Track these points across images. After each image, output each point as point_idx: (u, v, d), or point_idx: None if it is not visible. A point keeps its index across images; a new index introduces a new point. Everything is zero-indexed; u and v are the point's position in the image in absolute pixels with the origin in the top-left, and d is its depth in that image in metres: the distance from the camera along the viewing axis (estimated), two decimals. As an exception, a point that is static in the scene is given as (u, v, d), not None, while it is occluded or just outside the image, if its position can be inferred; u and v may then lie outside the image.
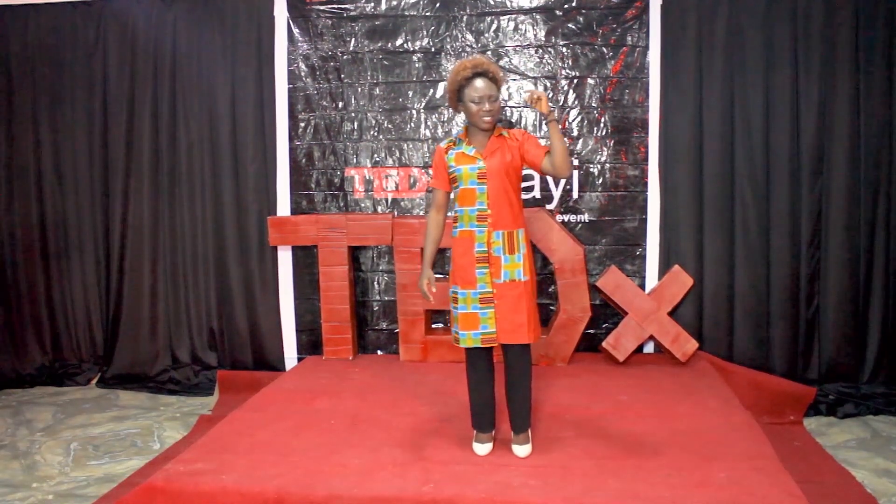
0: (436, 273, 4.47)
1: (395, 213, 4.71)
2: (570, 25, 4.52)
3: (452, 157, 3.01)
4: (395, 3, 4.63)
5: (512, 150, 2.99)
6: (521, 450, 3.02)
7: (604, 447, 3.09)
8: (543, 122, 4.57)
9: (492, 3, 4.57)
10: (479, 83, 2.90)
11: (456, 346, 3.05)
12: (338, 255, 4.55)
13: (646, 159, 4.52)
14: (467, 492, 2.69)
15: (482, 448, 3.06)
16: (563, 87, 4.56)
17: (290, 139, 4.76)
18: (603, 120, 4.55)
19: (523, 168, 3.06)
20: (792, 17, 4.33)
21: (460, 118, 4.65)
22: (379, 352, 4.81)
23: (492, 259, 2.96)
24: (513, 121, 4.60)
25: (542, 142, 3.34)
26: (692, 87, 4.42)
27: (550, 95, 4.56)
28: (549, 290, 4.60)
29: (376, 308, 4.80)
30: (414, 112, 4.68)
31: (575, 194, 4.58)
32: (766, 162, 4.40)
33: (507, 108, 4.58)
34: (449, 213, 3.19)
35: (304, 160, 4.77)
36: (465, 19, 4.59)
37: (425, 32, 4.62)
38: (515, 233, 2.99)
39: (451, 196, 3.12)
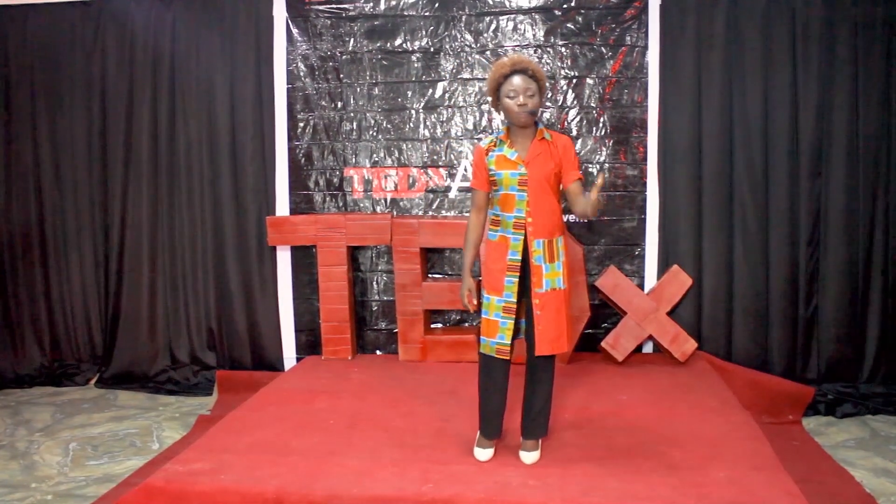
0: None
1: (394, 212, 4.71)
2: (568, 25, 4.52)
3: (493, 160, 2.90)
4: (393, 2, 4.63)
5: (555, 156, 2.87)
6: (529, 456, 2.97)
7: (603, 447, 3.09)
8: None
9: (491, 2, 4.57)
10: (517, 79, 2.81)
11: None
12: (337, 255, 4.54)
13: (644, 159, 4.52)
14: (466, 492, 2.70)
15: (483, 454, 3.00)
16: (561, 87, 4.56)
17: (289, 139, 4.76)
18: (602, 120, 4.55)
19: None
20: (791, 17, 4.33)
21: (459, 118, 4.65)
22: (378, 352, 4.81)
23: (533, 268, 2.87)
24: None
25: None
26: (691, 86, 4.43)
27: (549, 95, 4.56)
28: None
29: (375, 308, 4.79)
30: (413, 112, 4.68)
31: (574, 194, 4.58)
32: (764, 162, 4.40)
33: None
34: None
35: (303, 160, 4.77)
36: (463, 19, 4.59)
37: (424, 32, 4.62)
38: (555, 241, 2.91)
39: (491, 197, 3.00)
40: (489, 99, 2.95)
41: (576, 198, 2.87)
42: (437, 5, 4.59)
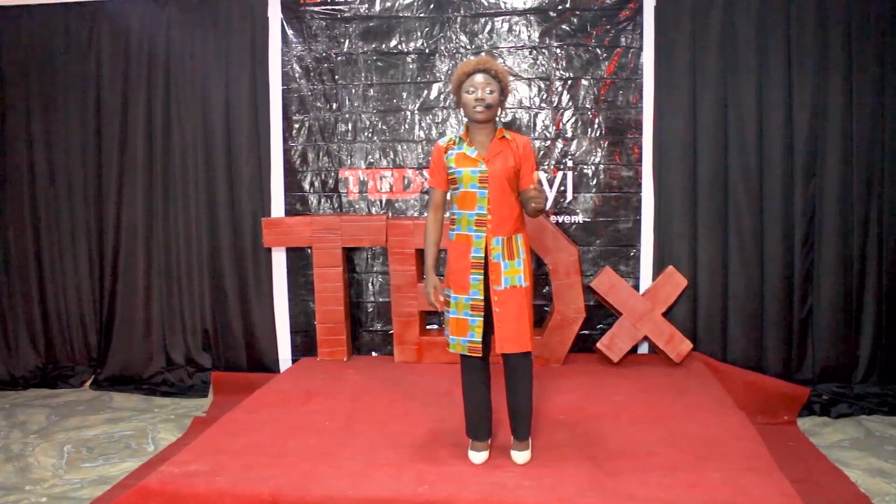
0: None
1: (390, 214, 4.71)
2: (563, 26, 4.53)
3: (452, 158, 2.93)
4: (389, 4, 4.63)
5: (515, 155, 2.89)
6: (520, 456, 2.98)
7: (598, 448, 3.09)
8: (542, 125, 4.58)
9: (486, 4, 4.57)
10: (479, 77, 2.85)
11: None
12: (332, 257, 4.54)
13: (640, 160, 4.53)
14: (462, 493, 2.69)
15: (477, 457, 2.99)
16: (556, 89, 4.56)
17: (285, 140, 4.75)
18: (597, 121, 4.55)
19: None
20: (785, 18, 4.34)
21: (454, 119, 4.65)
22: (373, 353, 4.81)
23: (491, 265, 2.89)
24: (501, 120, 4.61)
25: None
26: (686, 87, 4.43)
27: (545, 97, 4.57)
28: (544, 290, 4.60)
29: (371, 309, 4.79)
30: (408, 113, 4.68)
31: (569, 195, 4.59)
32: (759, 163, 4.41)
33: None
34: (445, 214, 3.12)
35: (298, 161, 4.77)
36: (458, 20, 4.60)
37: (419, 34, 4.62)
38: (514, 238, 2.92)
39: (448, 196, 3.05)
40: (455, 98, 2.96)
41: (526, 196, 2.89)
42: (432, 6, 4.60)
